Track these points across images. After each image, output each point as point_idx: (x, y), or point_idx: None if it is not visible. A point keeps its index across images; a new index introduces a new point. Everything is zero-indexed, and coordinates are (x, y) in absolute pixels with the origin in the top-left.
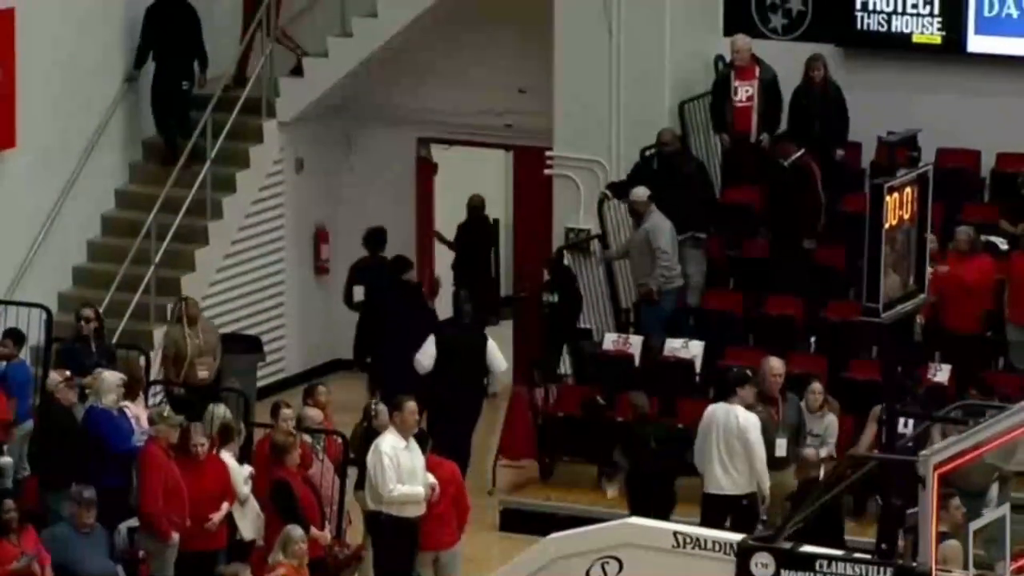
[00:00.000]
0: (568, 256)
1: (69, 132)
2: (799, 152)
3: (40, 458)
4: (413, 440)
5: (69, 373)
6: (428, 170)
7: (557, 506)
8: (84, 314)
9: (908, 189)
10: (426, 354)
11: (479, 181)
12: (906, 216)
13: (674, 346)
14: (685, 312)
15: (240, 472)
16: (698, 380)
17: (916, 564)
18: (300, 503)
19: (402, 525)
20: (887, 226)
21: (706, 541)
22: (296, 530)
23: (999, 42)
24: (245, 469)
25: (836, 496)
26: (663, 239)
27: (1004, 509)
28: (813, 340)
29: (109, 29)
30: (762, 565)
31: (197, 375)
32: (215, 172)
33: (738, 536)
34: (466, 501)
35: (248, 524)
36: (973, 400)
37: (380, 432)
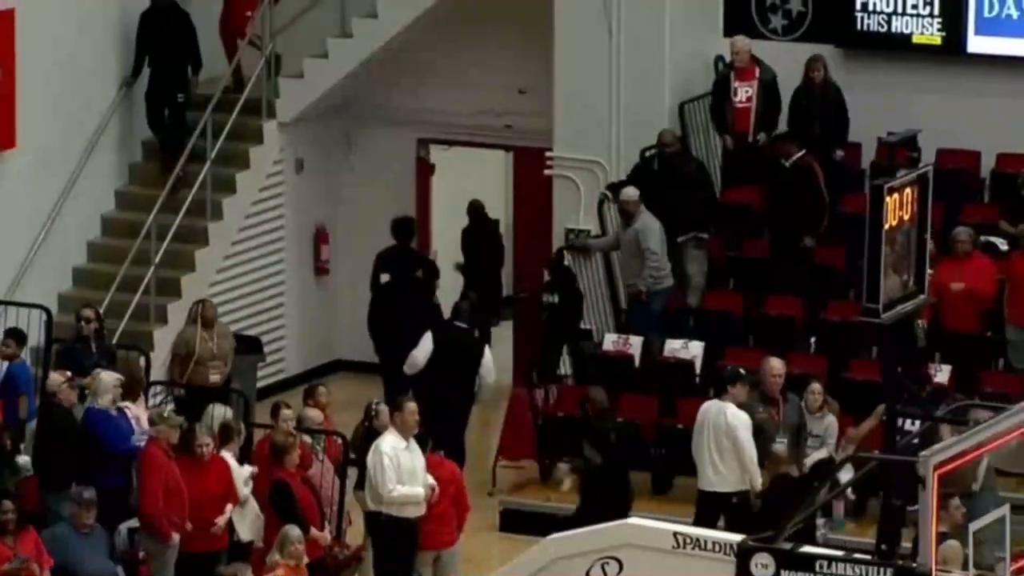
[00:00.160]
0: (568, 256)
1: (69, 132)
2: (800, 152)
3: (40, 458)
4: (413, 440)
5: (70, 374)
6: (427, 171)
7: (557, 507)
8: (84, 315)
9: (908, 190)
10: (421, 351)
11: (479, 182)
12: (906, 217)
13: (674, 347)
14: (685, 312)
15: (240, 473)
16: (698, 381)
17: (916, 564)
18: (299, 504)
19: (402, 525)
20: (887, 227)
21: (706, 542)
22: (293, 530)
23: (999, 43)
24: (246, 469)
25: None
26: (652, 240)
27: (1004, 509)
28: (813, 340)
29: (109, 30)
30: (762, 566)
31: (208, 377)
32: (215, 173)
33: (738, 537)
34: (466, 501)
35: (246, 525)
36: (970, 401)
37: (380, 432)
